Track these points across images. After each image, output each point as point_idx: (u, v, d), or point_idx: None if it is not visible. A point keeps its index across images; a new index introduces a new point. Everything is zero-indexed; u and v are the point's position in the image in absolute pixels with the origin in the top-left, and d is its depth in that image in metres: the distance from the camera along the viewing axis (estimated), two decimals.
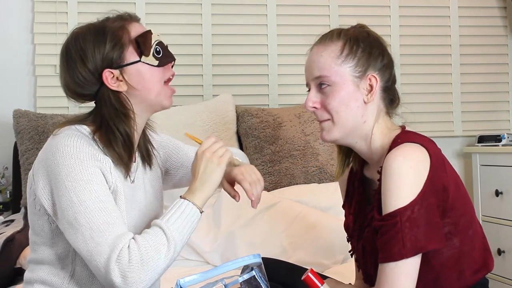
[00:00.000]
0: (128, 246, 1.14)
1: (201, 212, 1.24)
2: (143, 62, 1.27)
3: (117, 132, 1.25)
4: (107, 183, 1.22)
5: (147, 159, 1.39)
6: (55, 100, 2.63)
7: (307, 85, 1.33)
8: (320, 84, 1.28)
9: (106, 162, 1.23)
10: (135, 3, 2.75)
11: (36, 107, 2.68)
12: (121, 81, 1.26)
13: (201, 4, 2.84)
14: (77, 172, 1.17)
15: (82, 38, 1.26)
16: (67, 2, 2.70)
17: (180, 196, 1.25)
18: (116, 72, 1.25)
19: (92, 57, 1.24)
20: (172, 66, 1.34)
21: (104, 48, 1.24)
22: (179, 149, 1.54)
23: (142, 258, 1.13)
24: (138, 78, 1.27)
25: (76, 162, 1.17)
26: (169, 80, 1.33)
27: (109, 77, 1.25)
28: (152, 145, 1.43)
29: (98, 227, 1.15)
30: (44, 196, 1.20)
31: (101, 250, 1.13)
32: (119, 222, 1.18)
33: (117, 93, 1.26)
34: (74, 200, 1.15)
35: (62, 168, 1.17)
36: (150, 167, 1.40)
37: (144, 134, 1.38)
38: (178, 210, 1.22)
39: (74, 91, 1.28)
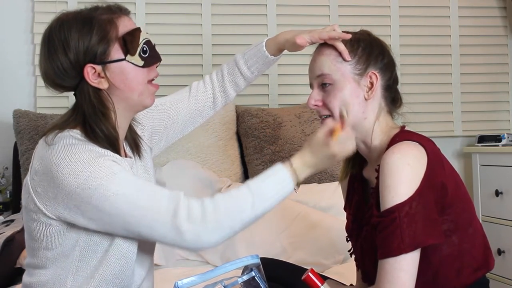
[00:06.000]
0: (202, 203, 1.15)
1: (295, 189, 1.23)
2: (128, 61, 1.23)
3: (97, 131, 1.21)
4: None
5: (135, 150, 1.37)
6: (55, 100, 2.62)
7: (311, 85, 1.36)
8: (322, 82, 1.31)
9: (113, 154, 1.21)
10: (135, 3, 2.74)
11: (36, 107, 2.68)
12: (103, 78, 1.22)
13: (201, 4, 2.84)
14: (97, 171, 1.14)
15: (67, 26, 1.20)
16: (67, 2, 2.69)
17: (290, 161, 1.23)
18: (99, 68, 1.21)
19: (75, 48, 1.19)
20: (156, 67, 1.30)
21: (89, 40, 1.19)
22: (161, 109, 1.50)
23: (218, 219, 1.14)
24: (121, 77, 1.23)
25: (91, 164, 1.14)
26: (152, 80, 1.29)
27: (91, 73, 1.21)
28: (139, 135, 1.40)
29: (145, 205, 1.14)
30: (49, 207, 1.17)
31: (161, 220, 1.13)
32: (159, 188, 1.18)
33: (97, 90, 1.23)
34: (107, 194, 1.13)
35: (78, 175, 1.13)
36: (140, 157, 1.39)
37: (129, 127, 1.35)
38: (277, 179, 1.20)
39: (53, 81, 1.25)
